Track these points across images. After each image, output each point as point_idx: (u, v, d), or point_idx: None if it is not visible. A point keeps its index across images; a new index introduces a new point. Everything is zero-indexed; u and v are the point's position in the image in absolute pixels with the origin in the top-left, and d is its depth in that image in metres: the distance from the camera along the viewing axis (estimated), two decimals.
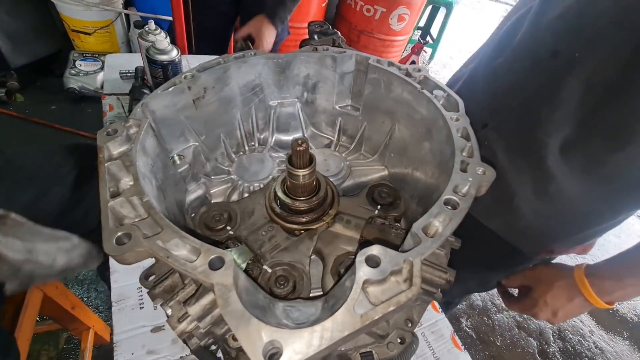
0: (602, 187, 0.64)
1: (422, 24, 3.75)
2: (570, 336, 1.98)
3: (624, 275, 0.62)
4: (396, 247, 0.44)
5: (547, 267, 0.73)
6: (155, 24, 1.07)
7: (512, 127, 0.70)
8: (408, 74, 0.64)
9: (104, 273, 1.38)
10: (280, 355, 0.29)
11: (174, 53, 1.02)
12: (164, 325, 0.68)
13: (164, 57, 1.00)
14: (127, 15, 2.38)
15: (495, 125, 0.73)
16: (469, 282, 1.02)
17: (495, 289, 0.89)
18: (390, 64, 0.68)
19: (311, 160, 0.54)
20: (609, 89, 0.55)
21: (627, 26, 0.52)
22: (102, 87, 1.40)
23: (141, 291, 0.72)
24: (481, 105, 0.75)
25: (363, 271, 0.34)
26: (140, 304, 0.71)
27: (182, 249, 0.37)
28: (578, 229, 0.75)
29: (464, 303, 1.96)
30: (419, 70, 0.64)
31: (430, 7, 3.58)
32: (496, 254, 0.87)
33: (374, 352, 0.54)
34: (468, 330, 1.88)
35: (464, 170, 0.46)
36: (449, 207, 0.41)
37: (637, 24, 0.51)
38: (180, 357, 0.65)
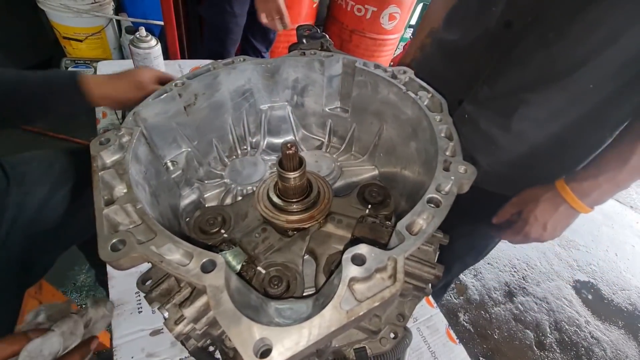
0: (564, 111, 0.71)
1: (413, 21, 3.77)
2: (567, 327, 2.01)
3: (598, 173, 0.67)
4: (386, 245, 0.46)
5: (531, 189, 0.77)
6: (147, 29, 1.08)
7: (485, 96, 0.77)
8: (394, 76, 0.66)
9: (101, 279, 1.38)
10: (271, 351, 0.31)
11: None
12: (162, 329, 0.69)
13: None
14: (118, 21, 2.38)
15: (470, 99, 0.80)
16: (466, 257, 1.09)
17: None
18: (377, 66, 0.69)
19: (301, 163, 0.55)
20: (557, 34, 0.64)
21: None
22: None
23: (139, 296, 0.73)
24: (452, 83, 0.81)
25: (349, 269, 0.35)
26: (138, 308, 0.72)
27: (175, 253, 0.38)
28: (569, 162, 0.81)
29: (461, 298, 1.98)
30: (405, 72, 0.66)
31: (421, 5, 3.61)
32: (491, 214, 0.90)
33: (367, 347, 0.55)
34: (466, 324, 1.89)
35: (446, 169, 0.47)
36: (432, 205, 0.43)
37: None
38: (180, 359, 0.66)
